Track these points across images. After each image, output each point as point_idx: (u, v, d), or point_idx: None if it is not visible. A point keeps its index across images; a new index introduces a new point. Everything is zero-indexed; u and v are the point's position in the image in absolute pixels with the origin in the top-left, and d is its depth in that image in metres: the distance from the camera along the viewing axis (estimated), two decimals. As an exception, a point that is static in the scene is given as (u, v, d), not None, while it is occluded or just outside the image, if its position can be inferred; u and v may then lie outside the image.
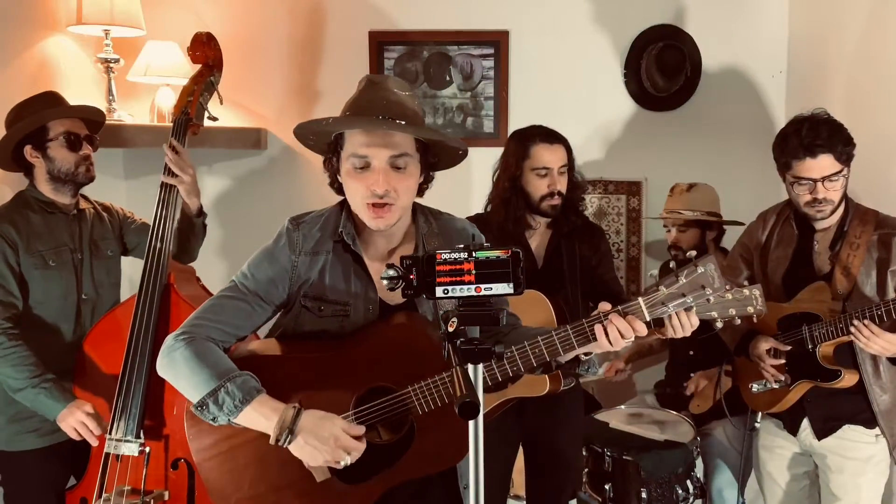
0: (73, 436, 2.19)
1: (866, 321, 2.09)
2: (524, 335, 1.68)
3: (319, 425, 1.56)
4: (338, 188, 1.73)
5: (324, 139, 1.70)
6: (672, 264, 1.68)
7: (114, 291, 2.52)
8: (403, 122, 1.61)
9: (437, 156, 1.73)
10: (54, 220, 2.37)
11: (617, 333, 1.58)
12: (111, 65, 3.11)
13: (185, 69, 3.21)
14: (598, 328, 1.59)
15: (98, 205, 2.54)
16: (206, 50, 2.49)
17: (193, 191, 2.44)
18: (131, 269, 2.78)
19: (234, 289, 1.69)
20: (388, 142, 1.61)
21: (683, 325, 1.83)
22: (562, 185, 2.51)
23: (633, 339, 1.60)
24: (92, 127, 2.46)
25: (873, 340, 2.08)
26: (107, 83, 3.14)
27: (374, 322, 1.70)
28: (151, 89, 3.32)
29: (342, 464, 1.56)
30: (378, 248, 1.72)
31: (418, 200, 1.79)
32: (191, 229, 2.51)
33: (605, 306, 1.62)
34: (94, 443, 2.20)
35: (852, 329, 2.11)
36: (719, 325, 1.92)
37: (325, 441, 1.55)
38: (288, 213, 2.04)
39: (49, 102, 2.36)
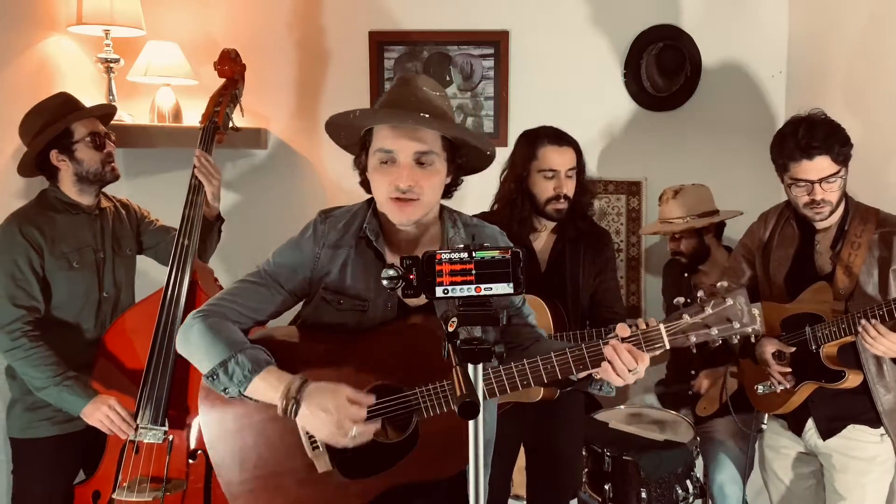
0: (103, 429, 2.25)
1: (873, 321, 2.07)
2: (543, 350, 1.65)
3: (324, 395, 1.56)
4: (367, 186, 1.75)
5: (354, 136, 1.72)
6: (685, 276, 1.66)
7: (130, 290, 2.57)
8: (428, 116, 1.61)
9: (465, 157, 1.72)
10: (78, 220, 2.41)
11: (622, 366, 1.55)
12: (111, 65, 3.11)
13: (185, 69, 3.21)
14: (605, 364, 1.56)
15: (117, 201, 2.59)
16: (233, 65, 2.66)
17: (217, 196, 2.53)
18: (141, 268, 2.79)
19: (256, 274, 1.73)
20: (413, 137, 1.62)
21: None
22: (568, 188, 2.48)
23: (642, 374, 1.56)
24: (103, 121, 2.52)
25: (879, 341, 2.07)
26: (107, 83, 3.14)
27: (391, 320, 1.71)
28: (151, 89, 3.32)
29: (350, 435, 1.55)
30: (402, 248, 1.72)
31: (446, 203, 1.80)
32: (208, 233, 2.56)
33: (623, 331, 1.57)
34: (123, 437, 2.25)
35: (859, 329, 2.10)
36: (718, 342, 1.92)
37: (329, 411, 1.54)
38: (288, 212, 2.06)
39: (67, 105, 2.40)
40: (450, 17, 3.40)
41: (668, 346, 1.56)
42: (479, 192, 2.66)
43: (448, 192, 1.75)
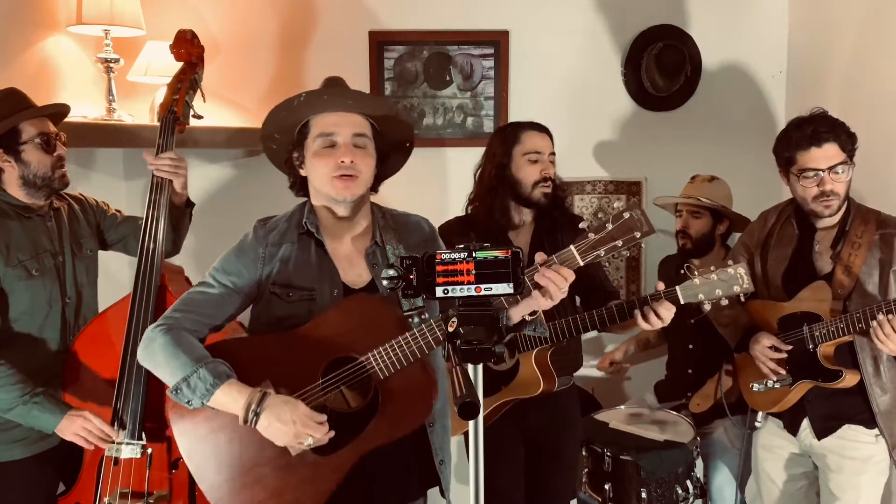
0: (81, 443, 2.13)
1: (890, 316, 2.05)
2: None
3: (283, 408, 1.66)
4: (298, 188, 1.93)
5: (288, 136, 1.87)
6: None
7: (92, 290, 2.43)
8: (367, 93, 1.87)
9: (389, 147, 1.90)
10: (31, 224, 2.24)
11: (549, 282, 1.65)
12: (111, 65, 3.10)
13: (185, 69, 3.21)
14: (535, 292, 1.67)
15: (70, 198, 2.42)
16: (189, 47, 2.43)
17: (185, 185, 2.40)
18: (114, 267, 2.77)
19: (205, 283, 1.84)
20: (350, 121, 1.82)
21: (661, 316, 1.92)
22: (552, 172, 2.48)
23: (565, 287, 1.67)
24: (55, 120, 2.33)
25: (891, 338, 2.06)
26: (107, 83, 3.13)
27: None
28: (151, 89, 3.31)
29: (305, 444, 1.68)
30: (340, 236, 1.87)
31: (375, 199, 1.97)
32: (181, 220, 2.46)
33: (540, 257, 1.69)
34: (104, 447, 2.14)
35: (873, 324, 2.08)
36: (707, 307, 1.95)
37: (287, 423, 1.65)
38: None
39: (14, 101, 2.21)
40: (450, 17, 3.40)
41: (581, 263, 1.69)
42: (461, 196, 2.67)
43: (374, 186, 1.92)
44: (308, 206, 1.90)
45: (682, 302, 1.95)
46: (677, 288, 1.96)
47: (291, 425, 1.65)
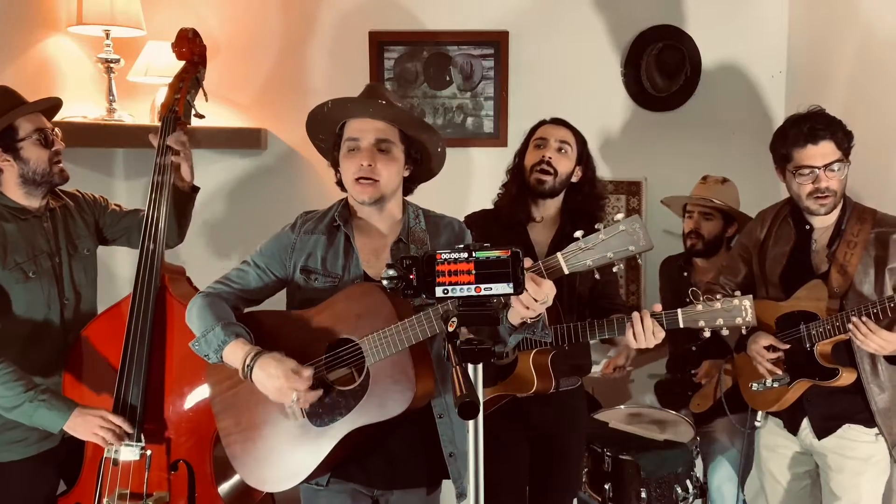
0: (99, 442, 2.11)
1: (863, 318, 2.08)
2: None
3: (270, 363, 1.82)
4: (342, 184, 2.02)
5: (331, 133, 2.00)
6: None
7: (92, 290, 2.39)
8: (384, 102, 1.91)
9: (419, 152, 2.00)
10: (27, 225, 2.20)
11: (528, 296, 1.62)
12: (111, 65, 3.10)
13: (185, 69, 3.21)
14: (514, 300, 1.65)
15: (66, 196, 2.37)
16: (191, 46, 2.41)
17: (191, 167, 2.40)
18: (118, 267, 2.77)
19: (245, 262, 2.04)
20: (374, 127, 1.92)
21: (647, 333, 1.99)
22: (557, 160, 2.46)
23: (550, 301, 1.65)
24: (48, 115, 2.29)
25: (870, 338, 2.08)
26: (107, 83, 3.14)
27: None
28: (151, 89, 3.32)
29: (293, 399, 1.82)
30: (368, 231, 2.00)
31: (410, 199, 2.06)
32: (186, 206, 2.43)
33: (526, 263, 1.65)
34: (118, 444, 2.13)
35: (849, 326, 2.11)
36: (706, 333, 1.97)
37: (273, 377, 1.81)
38: (288, 213, 2.10)
39: (8, 98, 2.17)
40: (450, 17, 3.40)
41: (566, 272, 1.66)
42: (480, 192, 2.67)
43: (409, 188, 2.05)
44: (344, 202, 2.04)
45: (681, 325, 1.99)
46: (679, 311, 1.98)
47: (276, 379, 1.80)
